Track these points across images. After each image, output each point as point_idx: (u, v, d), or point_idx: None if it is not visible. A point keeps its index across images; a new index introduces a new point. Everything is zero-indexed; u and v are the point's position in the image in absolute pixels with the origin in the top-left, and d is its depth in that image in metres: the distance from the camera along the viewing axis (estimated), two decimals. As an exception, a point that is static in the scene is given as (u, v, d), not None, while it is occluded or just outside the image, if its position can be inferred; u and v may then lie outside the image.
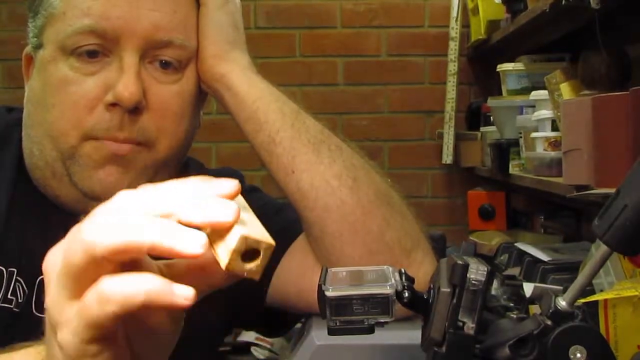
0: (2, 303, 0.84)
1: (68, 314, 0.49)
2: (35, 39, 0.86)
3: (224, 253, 0.49)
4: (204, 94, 0.93)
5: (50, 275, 0.50)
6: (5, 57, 2.67)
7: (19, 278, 0.85)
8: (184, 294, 0.47)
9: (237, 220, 0.49)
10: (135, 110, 0.83)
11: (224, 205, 0.49)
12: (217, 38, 0.88)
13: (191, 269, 0.53)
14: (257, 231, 0.49)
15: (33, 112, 0.86)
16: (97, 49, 0.82)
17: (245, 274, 0.49)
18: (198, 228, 0.49)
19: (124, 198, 0.50)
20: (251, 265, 0.48)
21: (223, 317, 0.96)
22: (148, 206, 0.49)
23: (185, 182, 0.51)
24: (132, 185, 0.56)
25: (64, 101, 0.83)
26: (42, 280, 0.60)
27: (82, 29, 0.81)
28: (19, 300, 0.84)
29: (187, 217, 0.48)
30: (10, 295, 0.84)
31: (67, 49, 0.82)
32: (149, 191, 0.50)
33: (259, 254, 0.49)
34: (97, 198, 0.80)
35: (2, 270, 0.84)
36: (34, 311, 0.85)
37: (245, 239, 0.48)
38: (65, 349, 0.49)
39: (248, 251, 0.48)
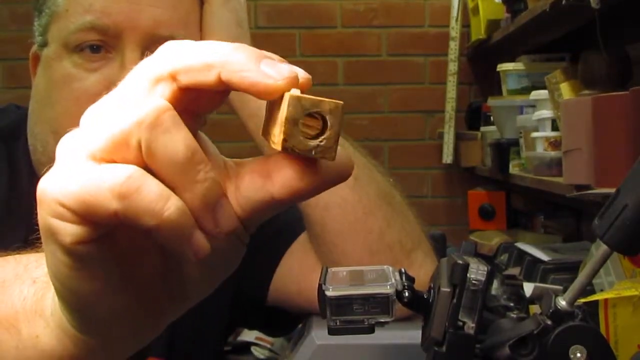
0: None
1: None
2: (41, 37, 0.87)
3: (277, 130, 0.36)
4: None
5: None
6: (6, 57, 2.67)
7: None
8: (198, 247, 0.36)
9: (294, 82, 0.36)
10: None
11: (275, 65, 0.37)
12: (220, 36, 0.88)
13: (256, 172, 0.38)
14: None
15: (37, 109, 0.87)
16: (100, 44, 0.82)
17: (313, 152, 0.36)
18: None
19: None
20: (317, 141, 0.36)
21: (225, 316, 0.96)
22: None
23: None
24: None
25: (67, 97, 0.83)
26: None
27: (84, 26, 0.82)
28: None
29: (236, 70, 0.37)
30: None
31: (70, 46, 0.83)
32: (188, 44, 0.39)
33: (327, 124, 0.35)
34: None
35: None
36: None
37: (298, 100, 0.35)
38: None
39: (309, 120, 0.35)
